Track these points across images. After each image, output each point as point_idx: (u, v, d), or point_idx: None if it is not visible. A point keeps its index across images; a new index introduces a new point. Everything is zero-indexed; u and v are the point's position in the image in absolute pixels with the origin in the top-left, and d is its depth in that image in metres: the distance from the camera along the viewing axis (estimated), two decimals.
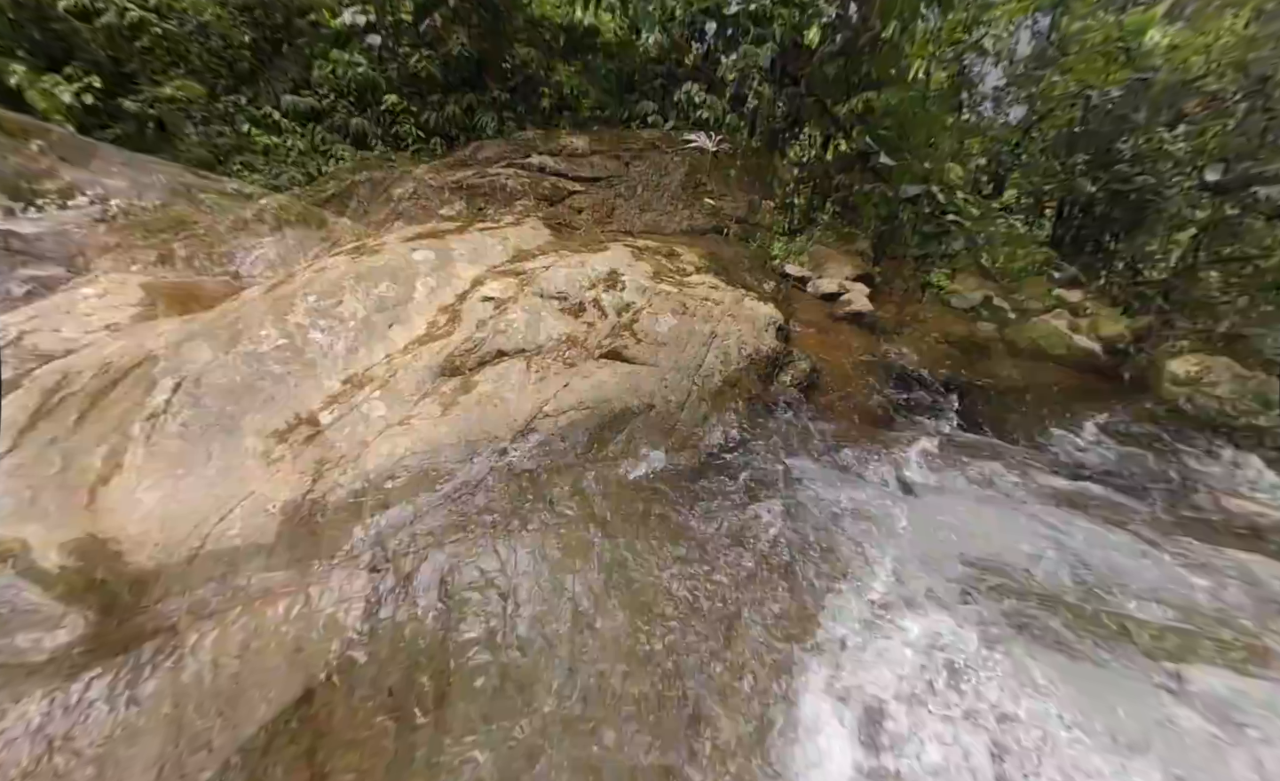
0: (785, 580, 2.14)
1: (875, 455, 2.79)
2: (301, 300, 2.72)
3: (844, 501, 2.48)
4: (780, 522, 2.36)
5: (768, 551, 2.24)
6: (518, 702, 1.69)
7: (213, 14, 6.13)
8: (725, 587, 2.06)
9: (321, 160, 5.51)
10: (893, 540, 2.31)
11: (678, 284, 3.12)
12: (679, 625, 1.94)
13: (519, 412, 2.37)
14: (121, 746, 1.53)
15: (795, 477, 2.58)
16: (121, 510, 2.00)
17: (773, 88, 5.17)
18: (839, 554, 2.23)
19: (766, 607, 2.02)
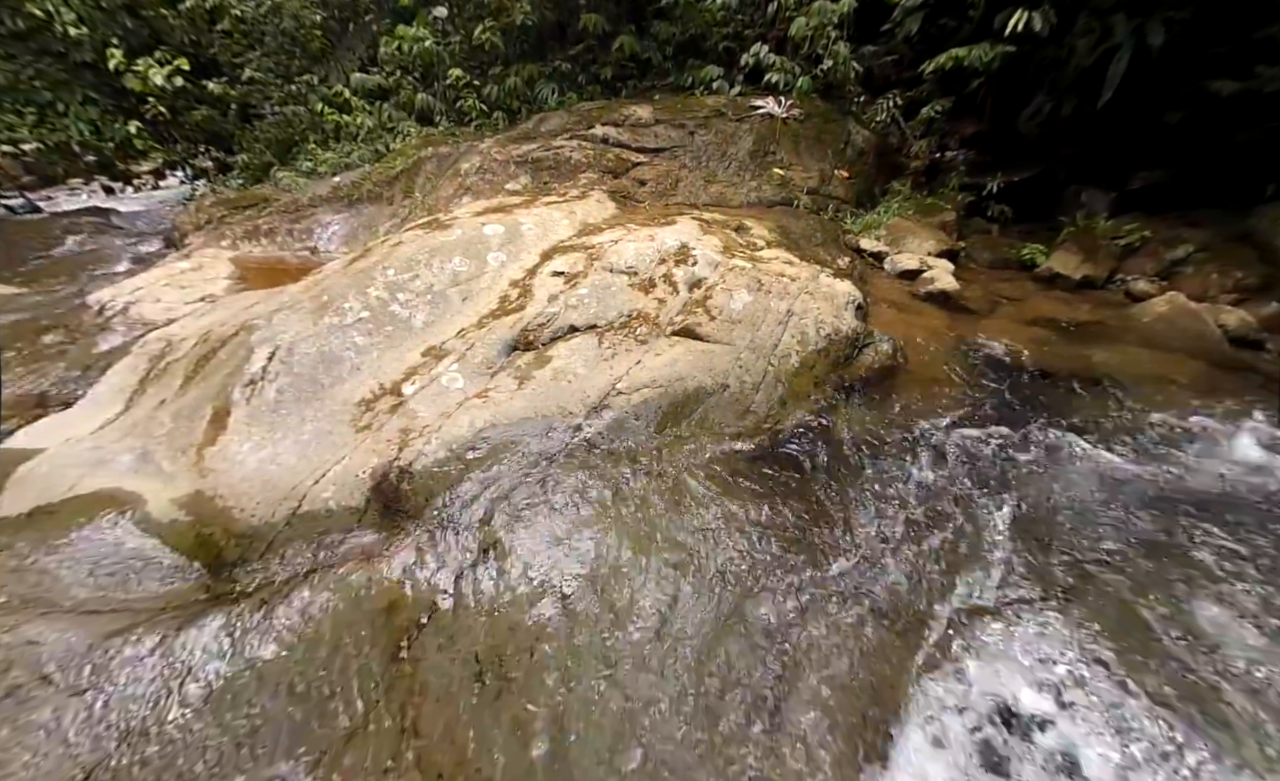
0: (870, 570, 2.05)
1: (961, 449, 2.61)
2: (381, 274, 2.79)
3: (929, 494, 2.34)
4: (860, 512, 2.26)
5: (844, 540, 2.15)
6: (596, 672, 1.70)
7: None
8: (799, 578, 1.99)
9: (389, 137, 5.63)
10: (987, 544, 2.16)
11: (750, 259, 2.99)
12: (752, 606, 1.90)
13: (592, 389, 2.35)
14: (229, 694, 1.64)
15: (875, 468, 2.46)
16: (226, 470, 2.13)
17: (850, 46, 4.83)
18: (928, 553, 2.11)
19: (847, 599, 1.95)
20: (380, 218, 4.64)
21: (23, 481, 2.31)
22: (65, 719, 1.58)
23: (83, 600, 1.91)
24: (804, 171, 4.45)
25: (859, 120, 5.29)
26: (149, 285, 3.99)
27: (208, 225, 5.00)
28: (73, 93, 6.87)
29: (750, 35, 5.23)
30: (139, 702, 1.61)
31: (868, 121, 5.35)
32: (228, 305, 3.42)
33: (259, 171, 6.11)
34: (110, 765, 1.51)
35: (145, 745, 1.54)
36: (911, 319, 3.64)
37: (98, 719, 1.58)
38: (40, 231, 6.72)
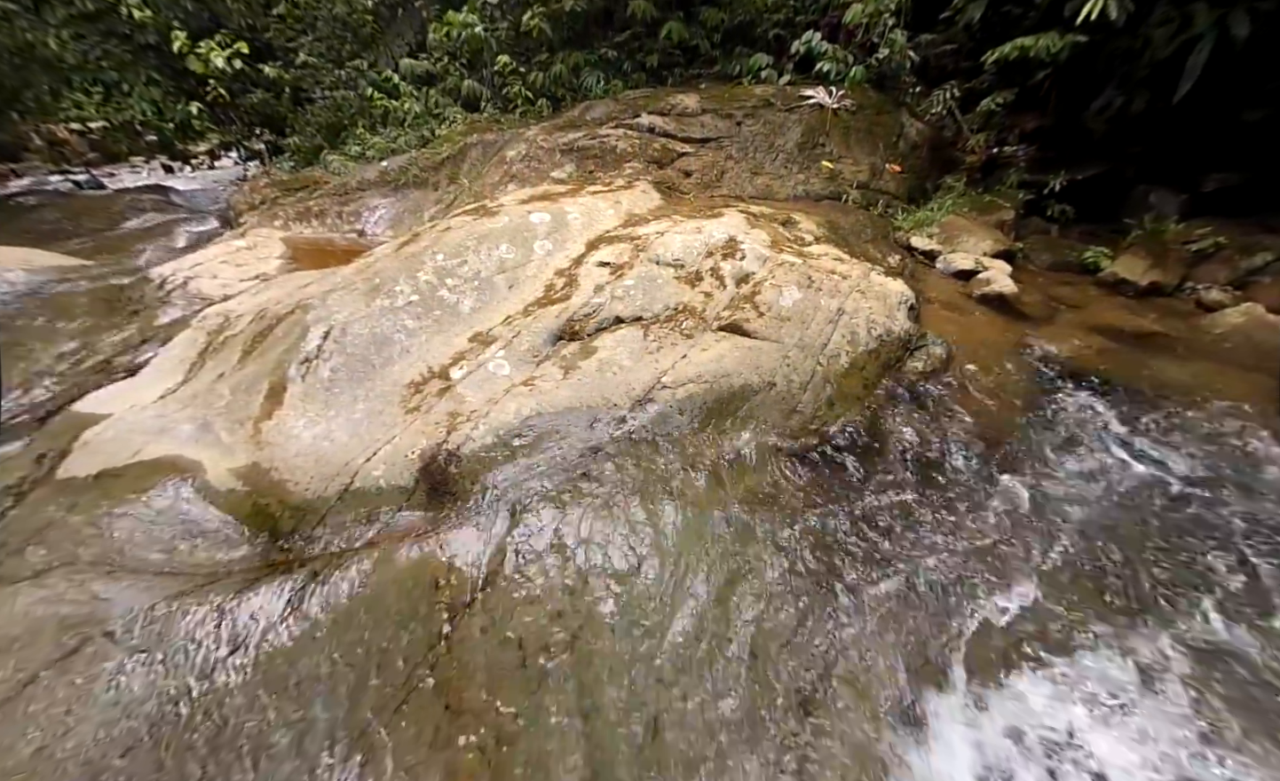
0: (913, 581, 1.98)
1: (1014, 461, 2.50)
2: (430, 259, 2.82)
3: (979, 507, 2.25)
4: (906, 522, 2.19)
5: (888, 548, 2.09)
6: (635, 665, 1.70)
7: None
8: (840, 584, 1.94)
9: (435, 123, 5.70)
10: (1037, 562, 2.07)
11: (799, 254, 2.91)
12: (791, 610, 1.87)
13: (637, 381, 2.33)
14: (282, 660, 1.69)
15: (924, 477, 2.38)
16: (282, 444, 2.19)
17: (906, 34, 4.64)
18: (975, 568, 2.03)
19: (887, 610, 1.89)
20: (425, 203, 4.70)
21: (90, 445, 2.43)
22: (129, 674, 1.66)
23: (146, 561, 2.00)
24: (854, 165, 4.31)
25: (912, 112, 5.09)
26: (207, 261, 4.14)
27: (261, 205, 5.16)
28: (137, 74, 7.18)
29: (802, 22, 5.08)
30: (198, 662, 1.68)
31: (922, 114, 5.14)
32: (281, 284, 3.52)
33: (310, 154, 6.27)
34: (170, 720, 1.57)
35: (203, 703, 1.60)
36: (965, 322, 3.50)
37: (159, 675, 1.66)
38: (105, 207, 7.07)
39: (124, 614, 1.76)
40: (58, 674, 1.66)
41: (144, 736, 1.55)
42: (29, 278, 4.36)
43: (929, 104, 5.23)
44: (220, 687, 1.63)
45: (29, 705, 1.59)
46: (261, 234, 4.59)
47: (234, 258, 4.20)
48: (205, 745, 1.53)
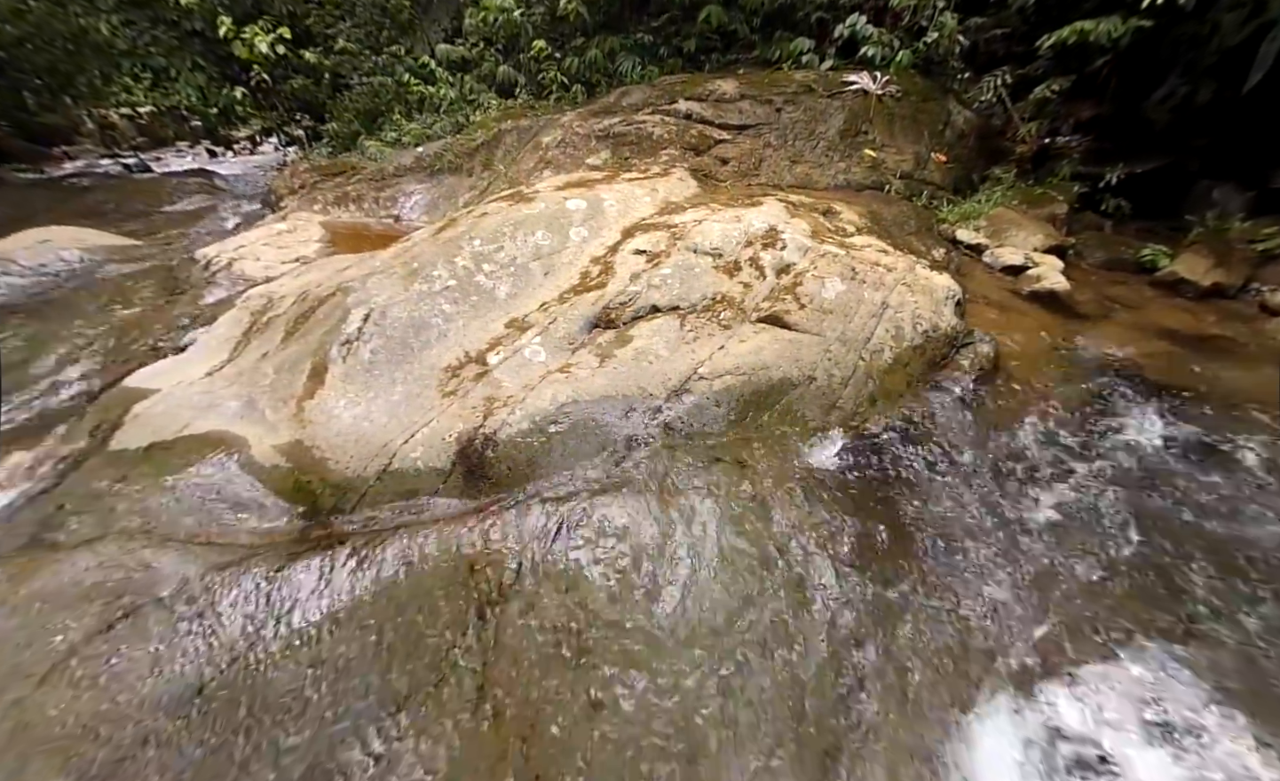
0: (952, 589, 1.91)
1: (1064, 468, 2.39)
2: (467, 244, 2.83)
3: (1025, 515, 2.16)
4: (948, 526, 2.11)
5: (928, 553, 2.02)
6: (668, 657, 1.68)
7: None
8: (877, 588, 1.89)
9: (469, 109, 5.72)
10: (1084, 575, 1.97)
11: (841, 245, 2.82)
12: (824, 611, 1.82)
13: (673, 372, 2.29)
14: (322, 633, 1.72)
15: (968, 480, 2.29)
16: (323, 423, 2.23)
17: (956, 17, 4.44)
18: (1017, 577, 1.95)
19: (924, 617, 1.83)
20: (460, 189, 4.72)
21: (140, 418, 2.50)
22: (178, 639, 1.71)
23: (193, 531, 2.06)
24: (898, 154, 4.16)
25: (960, 99, 4.89)
26: (250, 244, 4.24)
27: (301, 190, 5.26)
28: (183, 59, 7.38)
29: (846, 4, 4.91)
30: (242, 632, 1.72)
31: (970, 101, 4.94)
32: (321, 267, 3.58)
33: (347, 140, 6.37)
34: (215, 685, 1.62)
35: (247, 671, 1.64)
36: (1013, 319, 3.36)
37: (206, 642, 1.70)
38: (152, 189, 7.31)
39: (173, 581, 1.82)
40: (110, 637, 1.72)
41: (191, 701, 1.59)
42: (82, 256, 4.54)
43: (978, 91, 5.02)
44: (263, 657, 1.67)
45: (83, 667, 1.65)
46: (301, 218, 4.68)
47: (275, 240, 4.30)
48: (249, 712, 1.57)
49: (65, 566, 1.88)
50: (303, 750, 1.51)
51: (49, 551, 2.02)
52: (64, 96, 8.69)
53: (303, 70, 6.70)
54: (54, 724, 1.54)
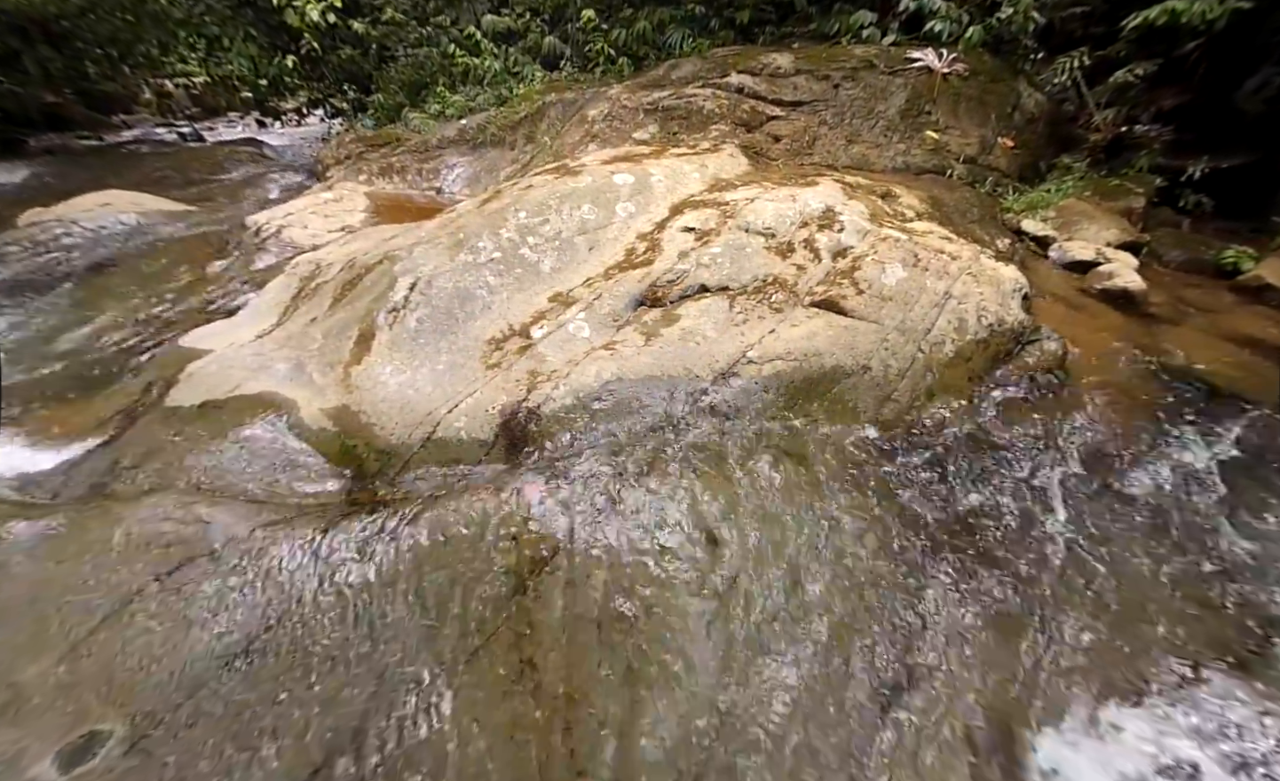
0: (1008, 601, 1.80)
1: (1132, 481, 2.23)
2: (513, 216, 2.79)
3: (1088, 528, 2.02)
4: (1003, 535, 1.99)
5: (982, 561, 1.90)
6: (706, 643, 1.64)
7: None
8: (927, 593, 1.79)
9: (514, 81, 5.66)
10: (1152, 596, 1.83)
11: (903, 230, 2.68)
12: (871, 609, 1.74)
13: (720, 354, 2.22)
14: (367, 594, 1.73)
15: (1029, 487, 2.15)
16: (369, 389, 2.24)
17: None
18: (1078, 595, 1.82)
19: (975, 628, 1.73)
20: (502, 162, 4.69)
21: (194, 377, 2.57)
22: (230, 593, 1.74)
23: (244, 489, 2.10)
24: (962, 136, 3.93)
25: (1031, 81, 4.58)
26: (298, 212, 4.31)
27: (347, 160, 5.31)
28: (236, 28, 7.51)
29: None
30: (290, 589, 1.74)
31: (1041, 84, 4.62)
32: (366, 236, 3.61)
33: (392, 112, 6.40)
34: (264, 639, 1.64)
35: (294, 627, 1.66)
36: (1081, 318, 3.15)
37: (256, 597, 1.73)
38: (205, 158, 7.52)
39: (224, 536, 1.85)
40: (164, 588, 1.76)
41: (242, 652, 1.62)
42: (140, 219, 4.69)
43: (1051, 73, 4.68)
44: (309, 615, 1.68)
45: (137, 615, 1.69)
46: (347, 188, 4.73)
47: (322, 209, 4.35)
48: (295, 667, 1.59)
49: (123, 517, 1.93)
50: (346, 707, 1.53)
51: (108, 501, 2.09)
52: (123, 65, 8.97)
53: (350, 40, 6.74)
54: (110, 668, 1.58)
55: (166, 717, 1.52)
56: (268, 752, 1.47)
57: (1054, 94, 4.73)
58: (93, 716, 1.50)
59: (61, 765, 1.40)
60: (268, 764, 1.44)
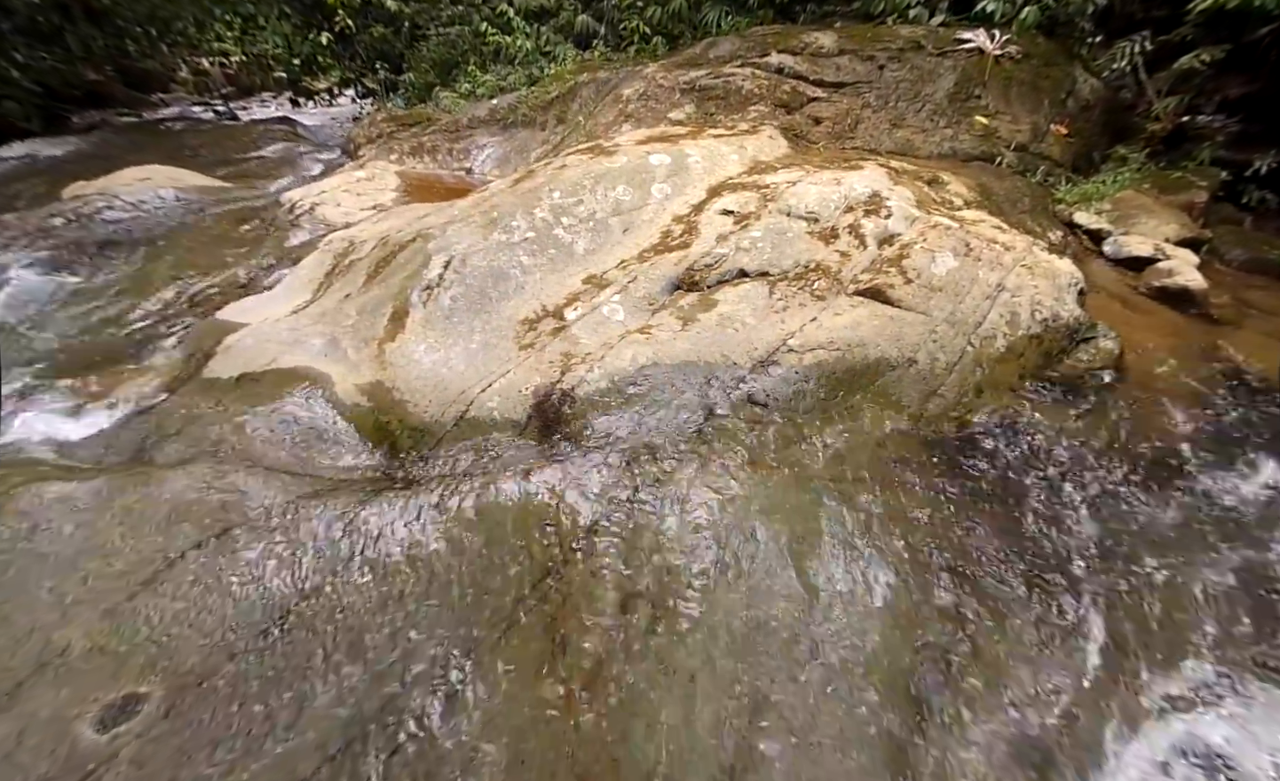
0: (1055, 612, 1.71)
1: (1191, 491, 2.10)
2: (547, 195, 2.74)
3: (1145, 538, 1.91)
4: (1055, 542, 1.89)
5: (1029, 569, 1.81)
6: (740, 638, 1.60)
7: None
8: (969, 600, 1.71)
9: (545, 61, 5.59)
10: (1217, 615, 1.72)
11: (954, 218, 2.56)
12: (910, 615, 1.67)
13: (760, 341, 2.15)
14: (399, 571, 1.72)
15: (1082, 493, 2.04)
16: (403, 366, 2.23)
17: None
18: (1133, 607, 1.72)
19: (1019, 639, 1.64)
20: (532, 143, 4.64)
21: (231, 350, 2.59)
22: (267, 562, 1.74)
23: (280, 461, 2.11)
24: (1013, 122, 3.75)
25: (1087, 66, 4.34)
26: (331, 190, 4.33)
27: (378, 139, 5.32)
28: (271, 6, 7.56)
29: None
30: (324, 561, 1.74)
31: (1098, 69, 4.38)
32: (399, 214, 3.60)
33: (423, 91, 6.38)
34: (297, 609, 1.64)
35: (327, 599, 1.66)
36: (1136, 317, 2.99)
37: (291, 567, 1.73)
38: (240, 136, 7.61)
39: (261, 506, 1.86)
40: (202, 555, 1.77)
41: (275, 621, 1.63)
42: (178, 195, 4.76)
43: (1108, 58, 4.44)
44: (342, 587, 1.68)
45: (176, 581, 1.71)
46: (379, 166, 4.74)
47: (354, 187, 4.36)
48: (327, 639, 1.59)
49: (163, 484, 1.95)
50: (378, 680, 1.52)
51: (148, 468, 2.12)
52: (161, 43, 9.12)
53: (383, 18, 6.73)
54: (150, 632, 1.60)
55: (203, 683, 1.53)
56: (300, 722, 1.47)
57: (1111, 80, 4.49)
58: (132, 678, 1.52)
59: (101, 725, 1.42)
60: (301, 732, 1.45)
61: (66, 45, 7.39)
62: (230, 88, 11.83)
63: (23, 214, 4.45)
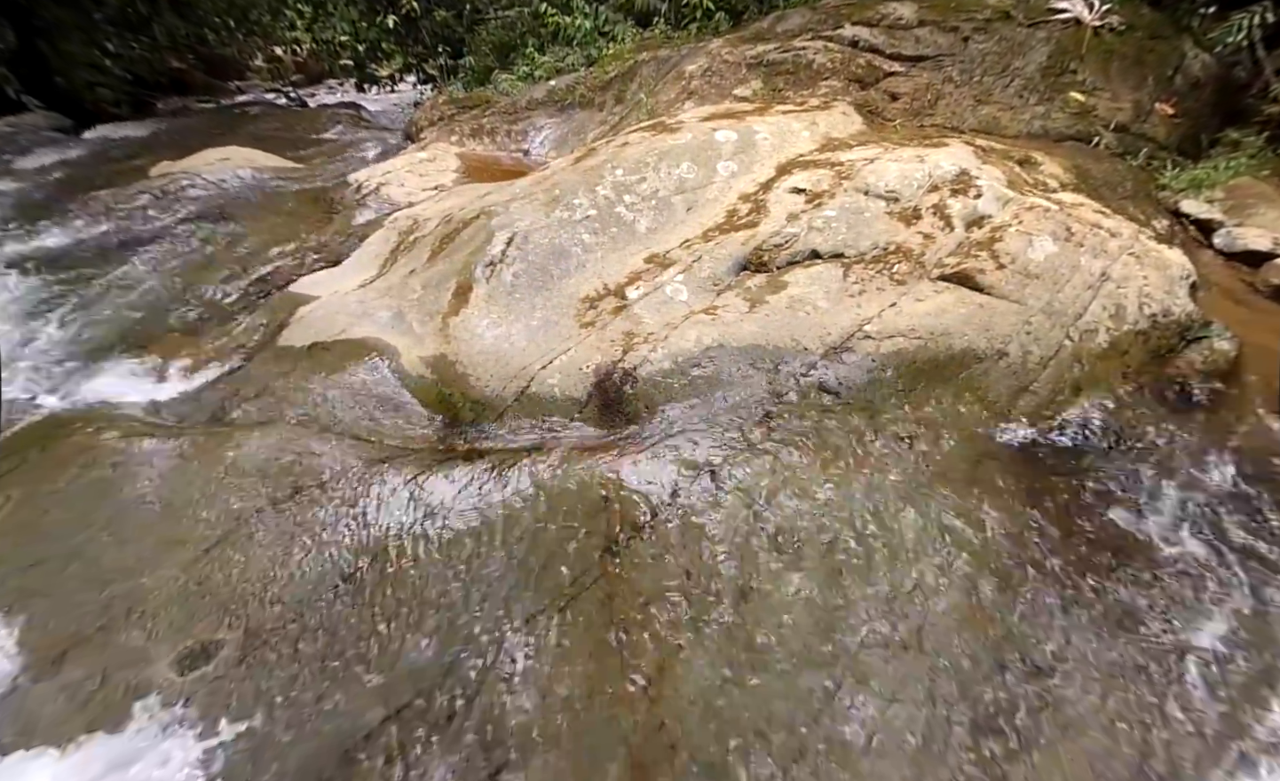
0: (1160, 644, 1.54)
1: None
2: (609, 173, 2.70)
3: (1266, 571, 1.69)
4: (1163, 568, 1.69)
5: (1135, 594, 1.63)
6: (808, 638, 1.52)
7: None
8: (1063, 620, 1.56)
9: (603, 42, 5.55)
10: None
11: (1051, 200, 2.36)
12: (991, 634, 1.54)
13: (833, 326, 2.04)
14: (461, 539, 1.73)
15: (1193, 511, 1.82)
16: (466, 340, 2.25)
17: None
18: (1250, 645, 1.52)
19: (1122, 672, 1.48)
20: (589, 124, 4.60)
21: (304, 320, 2.68)
22: (336, 523, 1.80)
23: (349, 426, 2.17)
24: (1112, 100, 3.43)
25: (1198, 41, 3.92)
26: (394, 170, 4.43)
27: (439, 121, 5.41)
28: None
29: None
30: (390, 525, 1.77)
31: (1210, 44, 3.95)
32: (460, 193, 3.64)
33: (481, 75, 6.45)
34: (364, 570, 1.68)
35: (393, 561, 1.69)
36: (1252, 316, 2.67)
37: (360, 529, 1.77)
38: (309, 120, 7.93)
39: (332, 468, 1.91)
40: (277, 512, 1.84)
41: (343, 581, 1.67)
42: (255, 174, 5.00)
43: (1222, 32, 3.98)
44: (407, 551, 1.71)
45: (252, 535, 1.78)
46: (439, 148, 4.82)
47: (417, 168, 4.45)
48: (391, 602, 1.62)
49: (241, 444, 2.04)
50: (437, 644, 1.54)
51: (227, 429, 2.23)
52: (238, 32, 9.59)
53: (445, 2, 6.83)
54: (227, 582, 1.67)
55: (275, 634, 1.59)
56: (364, 678, 1.50)
57: (1225, 56, 4.02)
58: (209, 626, 1.59)
59: (179, 667, 1.49)
60: (364, 688, 1.48)
61: (153, 35, 7.87)
62: (299, 75, 12.36)
63: (115, 190, 4.77)
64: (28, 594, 1.63)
